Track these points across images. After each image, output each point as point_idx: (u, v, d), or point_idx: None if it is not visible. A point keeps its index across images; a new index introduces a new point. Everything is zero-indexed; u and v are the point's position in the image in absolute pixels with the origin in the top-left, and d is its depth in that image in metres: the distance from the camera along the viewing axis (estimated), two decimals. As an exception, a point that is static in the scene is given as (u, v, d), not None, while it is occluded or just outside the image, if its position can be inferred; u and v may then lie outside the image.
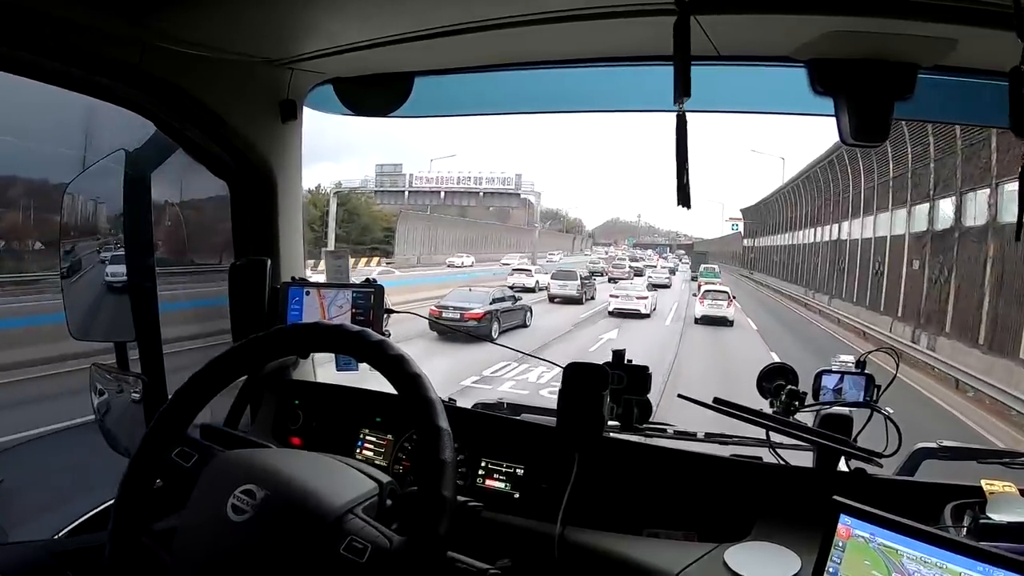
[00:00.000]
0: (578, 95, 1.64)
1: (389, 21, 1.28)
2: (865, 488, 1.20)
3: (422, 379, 0.83)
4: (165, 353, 1.54)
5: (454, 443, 0.81)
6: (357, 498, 0.83)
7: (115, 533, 0.86)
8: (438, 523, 0.77)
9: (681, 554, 1.12)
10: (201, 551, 0.81)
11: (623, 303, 18.99)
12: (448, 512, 0.77)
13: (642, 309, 18.81)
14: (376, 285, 1.59)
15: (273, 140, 1.61)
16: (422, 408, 0.82)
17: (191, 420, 0.92)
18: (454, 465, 0.80)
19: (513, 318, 15.10)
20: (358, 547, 0.76)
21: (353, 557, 0.76)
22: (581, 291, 22.13)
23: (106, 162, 1.53)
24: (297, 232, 1.73)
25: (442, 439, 0.80)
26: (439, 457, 0.79)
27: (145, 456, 0.89)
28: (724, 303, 18.33)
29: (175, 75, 1.32)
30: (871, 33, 1.09)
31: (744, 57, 1.33)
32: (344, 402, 1.58)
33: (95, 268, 1.65)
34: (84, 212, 1.68)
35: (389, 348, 0.86)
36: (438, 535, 0.76)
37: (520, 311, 15.66)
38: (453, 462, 0.79)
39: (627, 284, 22.93)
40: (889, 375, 1.47)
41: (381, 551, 0.76)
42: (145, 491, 0.88)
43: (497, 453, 1.40)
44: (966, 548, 0.79)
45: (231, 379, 0.95)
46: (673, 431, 1.46)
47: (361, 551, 0.76)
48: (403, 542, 0.77)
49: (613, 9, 1.14)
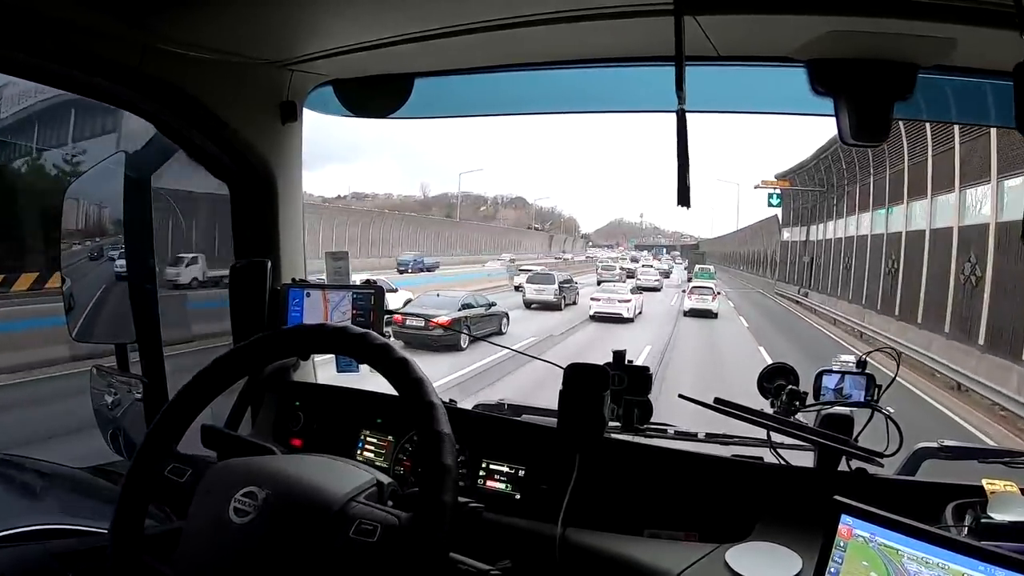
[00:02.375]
0: (578, 96, 1.65)
1: (389, 22, 1.28)
2: (866, 488, 1.20)
3: (424, 384, 0.83)
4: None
5: (455, 445, 0.81)
6: (358, 488, 0.84)
7: (115, 551, 0.86)
8: (439, 527, 0.77)
9: (682, 555, 1.11)
10: (205, 557, 0.81)
11: (605, 306, 18.30)
12: (450, 516, 0.77)
13: (624, 313, 18.07)
14: (376, 286, 1.59)
15: (273, 141, 1.61)
16: (424, 413, 0.82)
17: (187, 428, 0.92)
18: (455, 470, 0.80)
19: (487, 325, 13.98)
20: (368, 528, 0.78)
21: (364, 539, 0.77)
22: (560, 296, 20.64)
23: (106, 164, 1.53)
24: (297, 233, 1.73)
25: (444, 444, 0.80)
26: (441, 462, 0.79)
27: (137, 477, 0.89)
28: (709, 297, 20.67)
29: (175, 77, 1.32)
30: (871, 33, 1.09)
31: (744, 57, 1.33)
32: (345, 403, 1.58)
33: (97, 269, 1.65)
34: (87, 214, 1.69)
35: (393, 352, 0.86)
36: (444, 521, 0.77)
37: (495, 318, 14.62)
38: (455, 467, 0.80)
39: (610, 286, 21.68)
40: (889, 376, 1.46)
41: (391, 528, 0.78)
42: (141, 510, 0.88)
43: (498, 454, 1.40)
44: (968, 548, 0.79)
45: (239, 377, 0.95)
46: (674, 431, 1.46)
47: (371, 531, 0.78)
48: (411, 517, 0.78)
49: (612, 10, 1.14)
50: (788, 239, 33.68)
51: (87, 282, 1.66)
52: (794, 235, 32.60)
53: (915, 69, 1.17)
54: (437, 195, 78.51)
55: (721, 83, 1.45)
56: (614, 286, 21.77)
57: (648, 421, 1.40)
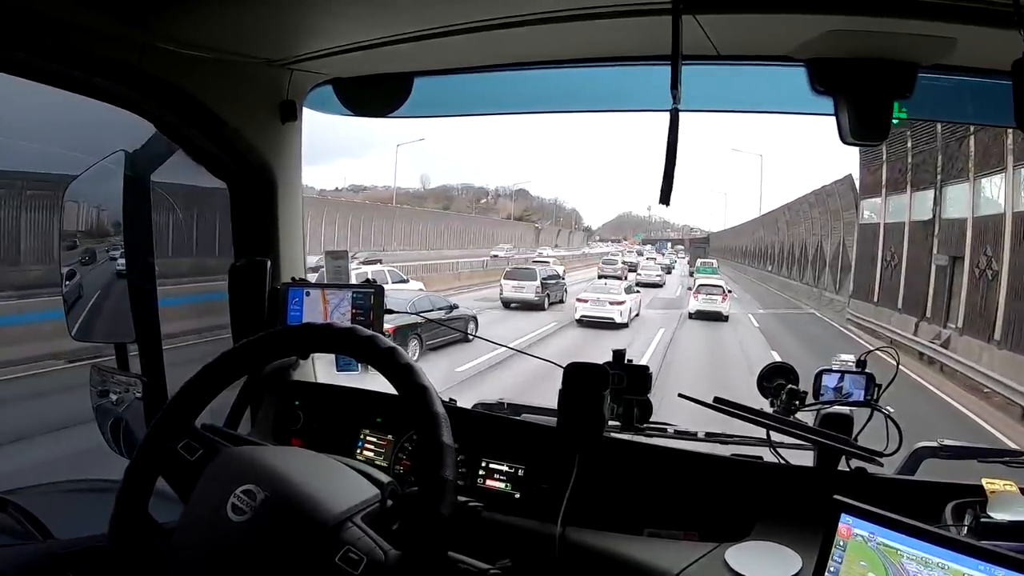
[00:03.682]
0: (578, 95, 1.64)
1: (388, 22, 1.28)
2: (866, 487, 1.20)
3: (429, 391, 0.83)
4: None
5: (455, 446, 0.81)
6: (357, 505, 0.83)
7: (116, 522, 0.87)
8: (435, 542, 0.77)
9: (682, 554, 1.12)
10: (198, 549, 0.81)
11: (593, 309, 15.69)
12: (445, 531, 0.77)
13: (616, 317, 15.54)
14: (376, 286, 1.59)
15: (273, 141, 1.61)
16: (428, 422, 0.82)
17: (202, 409, 0.93)
18: (455, 483, 0.80)
19: (449, 331, 10.67)
20: (353, 559, 0.76)
21: (348, 568, 0.76)
22: (542, 294, 18.46)
23: (105, 163, 1.53)
24: (297, 232, 1.73)
25: (445, 456, 0.80)
26: (440, 475, 0.79)
27: (150, 447, 0.90)
28: (719, 297, 18.01)
29: (175, 76, 1.32)
30: (871, 32, 1.09)
31: (744, 56, 1.33)
32: (344, 403, 1.58)
33: (96, 268, 1.65)
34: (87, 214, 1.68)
35: (399, 356, 0.86)
36: (434, 553, 0.77)
37: (459, 321, 12.02)
38: (454, 480, 0.79)
39: (601, 285, 18.39)
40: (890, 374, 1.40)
41: (376, 564, 0.76)
42: (149, 481, 0.89)
43: (498, 453, 1.40)
44: (967, 547, 0.79)
45: (241, 374, 0.96)
46: (674, 431, 1.46)
47: (356, 563, 0.76)
48: (398, 557, 0.77)
49: (612, 9, 1.14)
50: (871, 219, 19.93)
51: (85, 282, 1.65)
52: (889, 210, 18.61)
53: (915, 68, 1.17)
54: (435, 187, 77.14)
55: (720, 82, 1.45)
56: (606, 284, 18.64)
57: (648, 420, 1.40)
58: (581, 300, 16.29)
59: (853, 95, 1.17)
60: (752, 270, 35.98)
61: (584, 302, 16.09)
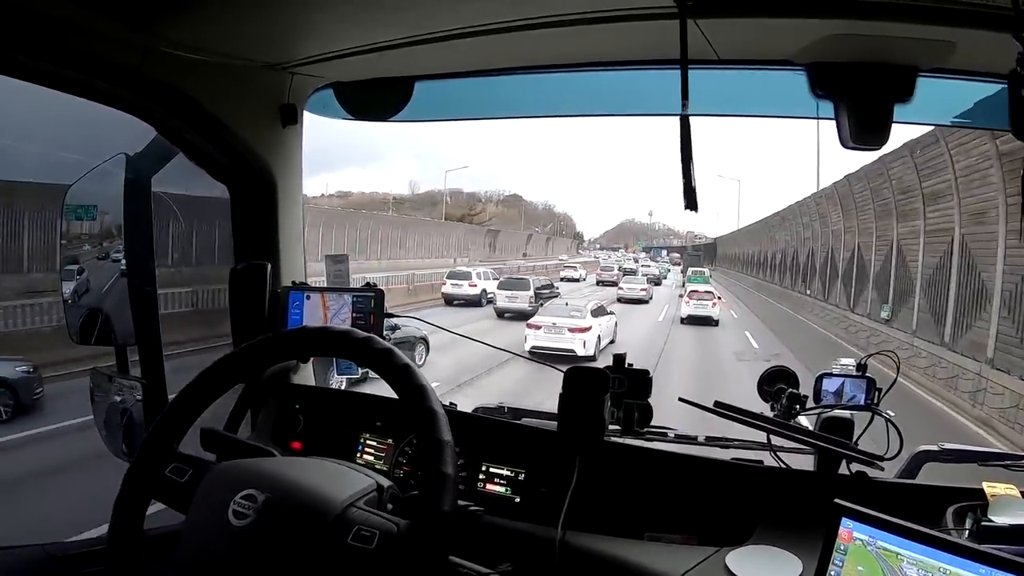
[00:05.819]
0: (580, 99, 1.65)
1: (390, 26, 1.28)
2: (866, 491, 1.20)
3: (427, 391, 0.84)
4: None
5: (456, 451, 0.81)
6: (357, 493, 0.84)
7: (113, 552, 0.86)
8: (438, 536, 0.77)
9: (682, 558, 1.11)
10: (205, 559, 0.81)
11: (547, 338, 12.54)
12: (447, 527, 0.78)
13: (578, 349, 12.37)
14: (376, 289, 1.59)
15: (274, 144, 1.61)
16: (426, 420, 0.82)
17: (194, 421, 0.92)
18: (455, 478, 0.80)
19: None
20: (366, 535, 0.78)
21: (362, 545, 0.77)
22: (535, 304, 17.09)
23: (106, 166, 1.53)
24: (298, 236, 1.73)
25: (444, 452, 0.80)
26: (440, 469, 0.79)
27: (142, 464, 0.89)
28: (708, 303, 18.38)
29: (176, 79, 1.32)
30: (871, 36, 1.10)
31: (744, 61, 1.33)
32: (344, 407, 1.58)
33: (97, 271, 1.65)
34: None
35: (396, 358, 0.86)
36: (444, 526, 0.77)
37: (403, 344, 9.68)
38: (455, 475, 0.80)
39: (560, 306, 14.60)
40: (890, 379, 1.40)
41: (389, 535, 0.78)
42: (142, 506, 0.89)
43: (498, 457, 1.40)
44: (968, 551, 0.79)
45: (240, 378, 0.96)
46: (674, 435, 1.46)
47: (369, 538, 0.77)
48: (409, 525, 0.78)
49: (614, 13, 1.14)
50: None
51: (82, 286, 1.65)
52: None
53: (914, 72, 1.18)
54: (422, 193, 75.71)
55: (721, 86, 1.45)
56: (567, 304, 14.76)
57: (648, 424, 1.40)
58: (532, 326, 13.05)
59: (854, 99, 1.18)
60: (769, 285, 27.84)
61: (536, 328, 12.93)
